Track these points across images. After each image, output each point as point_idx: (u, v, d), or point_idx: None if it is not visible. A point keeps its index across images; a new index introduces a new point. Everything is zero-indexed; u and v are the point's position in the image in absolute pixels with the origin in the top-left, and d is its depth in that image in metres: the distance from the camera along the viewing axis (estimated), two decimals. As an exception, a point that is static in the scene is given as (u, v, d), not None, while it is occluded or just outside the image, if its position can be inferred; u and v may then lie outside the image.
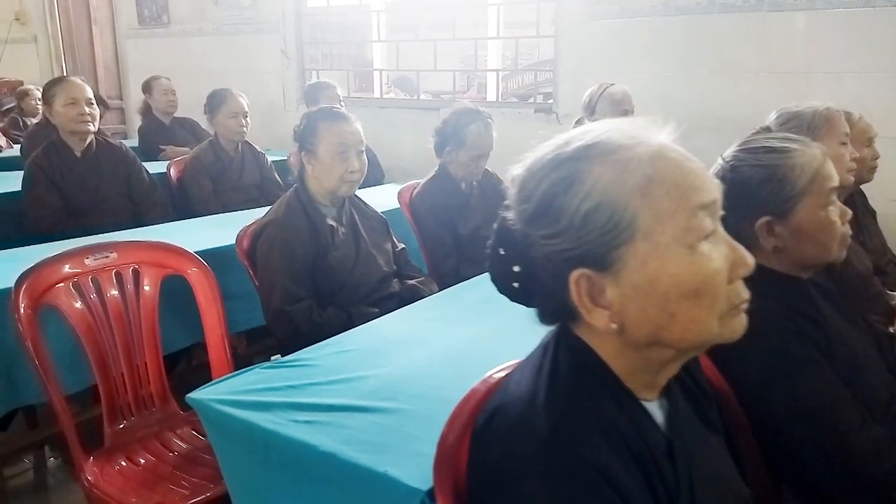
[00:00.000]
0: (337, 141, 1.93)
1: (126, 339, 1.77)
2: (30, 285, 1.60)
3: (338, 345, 1.35)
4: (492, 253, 0.82)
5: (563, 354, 0.76)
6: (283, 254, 1.86)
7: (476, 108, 2.59)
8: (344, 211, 2.06)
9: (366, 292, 1.99)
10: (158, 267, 1.84)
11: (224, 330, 1.87)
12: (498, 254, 0.81)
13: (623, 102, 2.85)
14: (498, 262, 0.81)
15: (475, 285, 1.77)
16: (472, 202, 2.70)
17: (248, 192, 3.46)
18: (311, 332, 1.83)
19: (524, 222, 0.75)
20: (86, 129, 2.75)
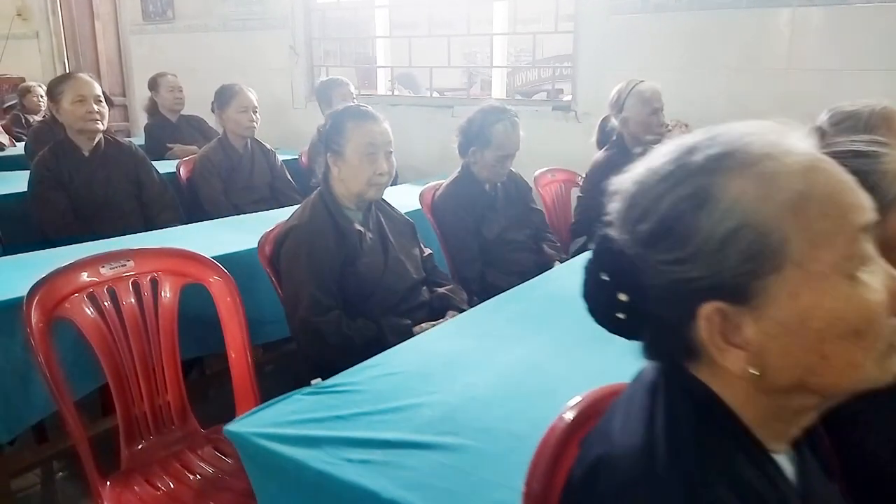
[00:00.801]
0: (365, 141, 1.83)
1: (144, 355, 1.66)
2: (42, 297, 1.49)
3: (382, 366, 1.25)
4: (589, 278, 0.71)
5: (680, 399, 0.65)
6: (309, 261, 1.76)
7: (503, 106, 2.49)
8: (371, 215, 1.95)
9: (395, 301, 1.88)
10: (178, 276, 1.73)
11: (247, 344, 1.76)
12: (598, 279, 0.70)
13: (653, 100, 2.74)
14: (598, 289, 0.70)
15: (518, 296, 1.66)
16: (497, 204, 2.60)
17: (260, 192, 3.37)
18: (340, 344, 1.73)
19: (639, 244, 0.64)
20: (94, 128, 2.64)
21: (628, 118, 2.76)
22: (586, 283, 0.72)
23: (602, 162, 2.79)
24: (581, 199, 2.94)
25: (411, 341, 1.37)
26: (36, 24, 6.38)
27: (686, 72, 3.40)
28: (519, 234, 2.63)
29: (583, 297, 0.74)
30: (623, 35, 3.56)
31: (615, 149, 2.79)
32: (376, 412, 1.06)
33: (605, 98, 3.65)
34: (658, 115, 2.76)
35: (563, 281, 1.76)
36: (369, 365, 1.26)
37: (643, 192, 0.65)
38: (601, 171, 2.79)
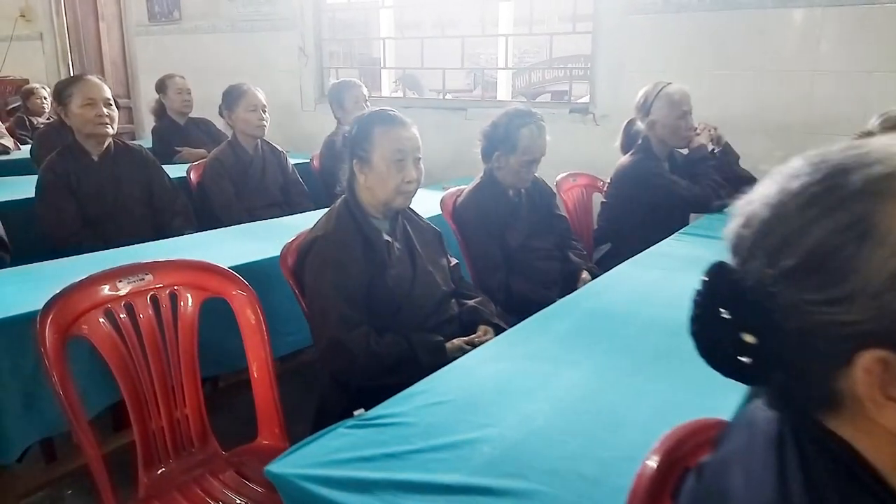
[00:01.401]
0: (393, 147, 1.73)
1: (163, 374, 1.57)
2: (57, 315, 1.40)
3: (428, 394, 1.15)
4: (703, 314, 0.62)
5: (818, 457, 0.56)
6: (336, 274, 1.66)
7: (528, 109, 2.40)
8: (398, 224, 1.86)
9: (425, 315, 1.79)
10: (198, 290, 1.64)
11: (271, 361, 1.68)
12: (716, 316, 0.60)
13: (682, 103, 2.65)
14: (716, 328, 0.61)
15: (561, 313, 1.57)
16: (521, 211, 2.51)
17: (272, 195, 3.28)
18: (369, 362, 1.64)
19: (778, 280, 0.55)
20: (104, 132, 2.55)
21: (655, 121, 2.67)
22: (698, 320, 0.63)
23: (628, 167, 2.70)
24: (605, 205, 2.85)
25: (455, 365, 1.28)
26: (40, 26, 6.29)
27: (708, 73, 3.32)
28: (543, 242, 2.54)
29: (691, 334, 0.64)
30: (643, 36, 3.48)
31: (642, 153, 2.70)
32: (430, 449, 0.97)
33: (624, 100, 3.57)
34: (687, 119, 2.67)
35: (606, 295, 1.67)
36: (414, 392, 1.16)
37: (782, 218, 0.56)
38: (628, 177, 2.71)
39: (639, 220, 2.70)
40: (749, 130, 3.16)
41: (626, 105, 3.54)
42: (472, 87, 9.41)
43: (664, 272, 1.84)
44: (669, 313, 1.54)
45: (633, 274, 1.84)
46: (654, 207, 2.68)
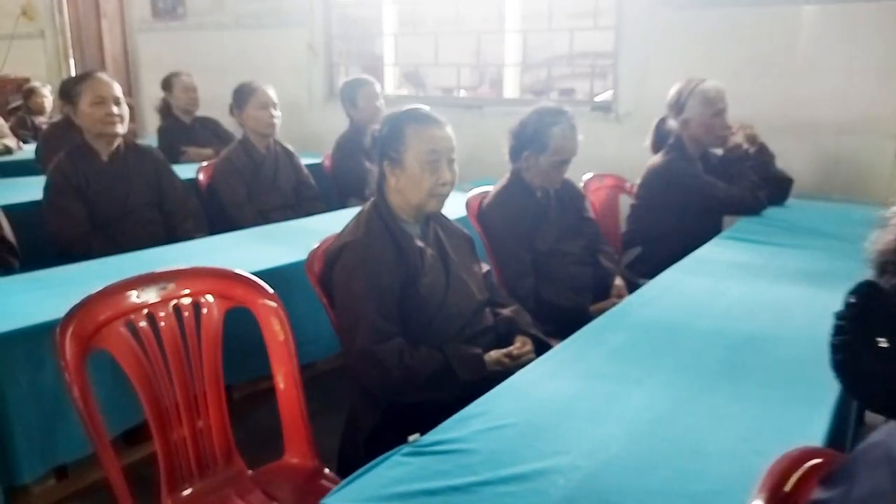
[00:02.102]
0: (427, 148, 1.63)
1: (187, 389, 1.47)
2: (77, 326, 1.30)
3: (484, 417, 1.05)
4: (853, 342, 0.52)
5: None
6: (367, 282, 1.56)
7: (559, 107, 2.30)
8: (429, 229, 1.76)
9: (460, 326, 1.69)
10: (223, 299, 1.54)
11: (297, 374, 1.58)
12: (871, 345, 0.51)
13: (717, 101, 2.55)
14: (871, 358, 0.51)
15: (612, 326, 1.46)
16: (550, 213, 2.40)
17: (284, 197, 3.18)
18: (403, 376, 1.53)
19: None
20: (114, 132, 2.44)
21: (689, 120, 2.57)
22: (845, 350, 0.53)
23: (661, 167, 2.60)
24: (635, 207, 2.75)
25: (509, 384, 1.17)
26: (41, 23, 6.18)
27: (738, 70, 3.21)
28: (573, 246, 2.44)
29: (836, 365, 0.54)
30: (668, 31, 3.38)
31: (675, 153, 2.60)
32: (498, 481, 0.87)
33: (648, 98, 3.48)
34: (722, 117, 2.57)
35: (658, 305, 1.57)
36: (470, 415, 1.06)
37: None
38: (660, 178, 2.60)
39: (671, 222, 2.61)
40: (778, 129, 3.05)
41: (650, 103, 3.45)
42: (476, 84, 9.30)
43: (713, 280, 1.74)
44: (728, 325, 1.45)
45: (680, 282, 1.74)
46: (688, 210, 2.58)
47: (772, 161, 2.74)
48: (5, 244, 2.17)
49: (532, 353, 1.68)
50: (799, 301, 1.57)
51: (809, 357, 1.19)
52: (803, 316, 1.46)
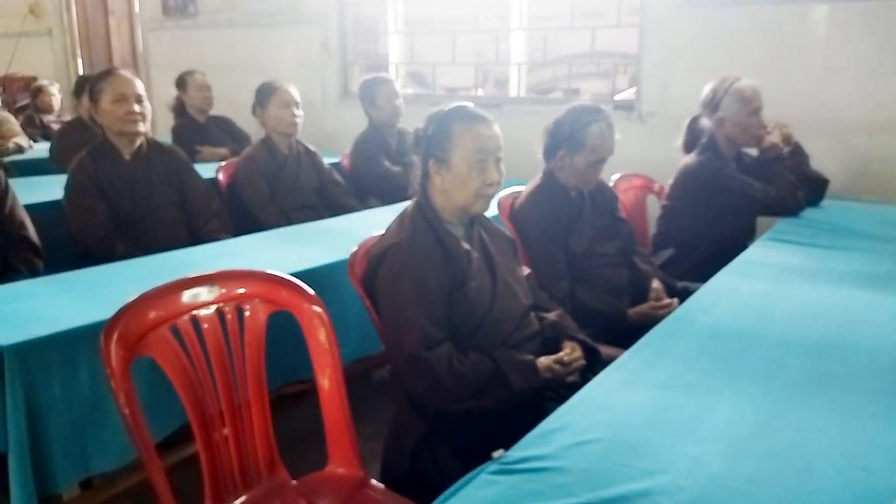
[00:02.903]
0: (475, 147, 1.58)
1: (231, 395, 1.41)
2: (123, 332, 1.25)
3: (568, 432, 0.99)
4: None
5: None
6: (414, 286, 1.50)
7: (596, 106, 2.24)
8: (474, 231, 1.70)
9: (507, 332, 1.63)
10: (267, 303, 1.48)
11: (342, 383, 1.52)
12: None
13: (753, 99, 2.49)
14: None
15: (675, 332, 1.40)
16: (585, 214, 2.35)
17: (306, 197, 3.12)
18: (454, 383, 1.48)
19: None
20: (135, 130, 2.38)
21: (724, 119, 2.52)
22: None
23: (695, 168, 2.55)
24: (667, 208, 2.69)
25: (585, 396, 1.11)
26: (49, 22, 6.13)
27: (764, 68, 3.15)
28: (608, 247, 2.38)
29: None
30: (694, 30, 3.33)
31: (709, 153, 2.54)
32: (601, 503, 0.81)
33: (672, 97, 3.43)
34: (758, 116, 2.52)
35: (718, 311, 1.51)
36: (551, 429, 1.00)
37: None
38: (694, 178, 2.55)
39: (705, 224, 2.55)
40: (808, 129, 3.00)
41: (674, 102, 3.41)
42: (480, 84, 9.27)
43: (769, 284, 1.69)
44: (797, 332, 1.39)
45: (736, 286, 1.69)
46: (723, 211, 2.53)
47: (807, 161, 2.69)
48: (30, 245, 2.11)
49: (582, 359, 1.63)
50: (864, 306, 1.51)
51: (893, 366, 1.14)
52: (873, 322, 1.40)
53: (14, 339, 1.42)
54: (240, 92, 5.02)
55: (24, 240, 2.11)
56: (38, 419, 1.45)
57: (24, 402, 1.42)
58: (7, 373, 1.40)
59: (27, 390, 1.43)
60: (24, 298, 1.70)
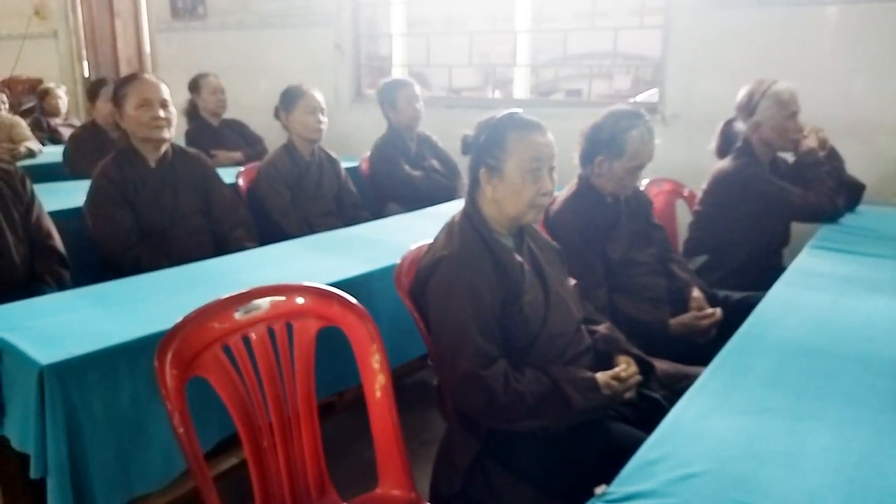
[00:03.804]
0: (530, 156, 1.52)
1: (282, 415, 1.35)
2: (177, 352, 1.20)
3: (668, 463, 0.92)
4: None
5: None
6: (469, 301, 1.45)
7: (636, 110, 2.19)
8: (523, 242, 1.65)
9: (561, 347, 1.57)
10: (317, 318, 1.43)
11: (393, 401, 1.47)
12: None
13: (791, 103, 2.45)
14: None
15: (747, 350, 1.34)
16: (621, 220, 2.29)
17: (328, 203, 3.07)
18: (510, 402, 1.42)
19: None
20: (160, 136, 2.32)
21: (761, 122, 2.47)
22: None
23: (731, 172, 2.49)
24: (700, 214, 2.63)
25: (672, 423, 1.04)
26: (54, 23, 6.06)
27: (790, 72, 3.09)
28: (644, 255, 2.32)
29: None
30: (718, 32, 3.28)
31: (746, 157, 2.49)
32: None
33: (696, 100, 3.38)
34: (795, 120, 2.47)
35: (786, 325, 1.45)
36: (648, 461, 0.94)
37: None
38: (730, 183, 2.49)
39: (740, 230, 2.50)
40: (839, 132, 2.94)
41: (699, 104, 3.36)
42: (484, 84, 9.17)
43: (832, 295, 1.63)
44: (877, 348, 1.33)
45: (797, 298, 1.63)
46: (759, 217, 2.48)
47: (842, 166, 2.64)
48: (57, 255, 2.05)
49: (638, 374, 1.57)
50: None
51: None
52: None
53: (53, 357, 1.37)
54: (251, 95, 4.99)
55: (52, 250, 2.04)
56: (78, 441, 1.40)
57: (65, 424, 1.37)
58: (47, 394, 1.35)
59: (67, 412, 1.37)
60: (55, 313, 1.64)
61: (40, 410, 1.35)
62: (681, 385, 1.64)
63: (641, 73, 7.08)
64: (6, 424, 1.47)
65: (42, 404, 1.35)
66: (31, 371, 1.34)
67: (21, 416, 1.40)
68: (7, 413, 1.45)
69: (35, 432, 1.35)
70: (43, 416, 1.35)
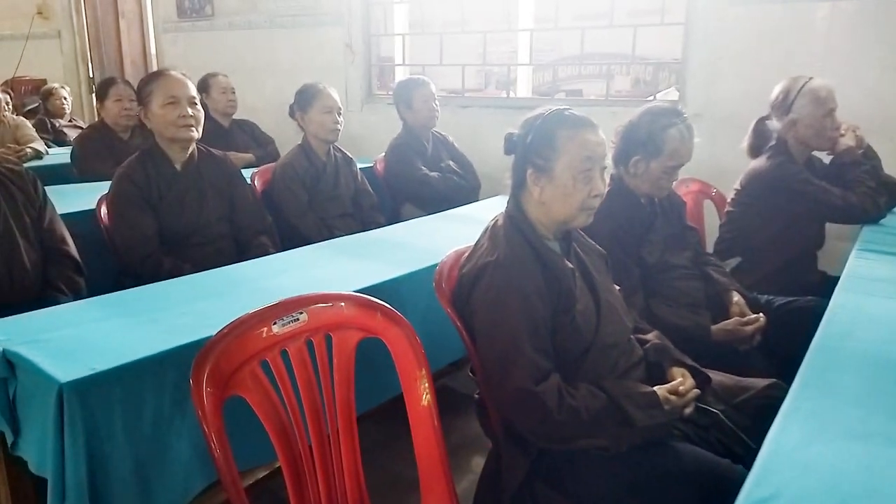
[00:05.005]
0: (582, 155, 1.44)
1: (321, 435, 1.26)
2: (213, 370, 1.10)
3: (783, 499, 0.82)
4: None
5: None
6: (521, 311, 1.35)
7: (674, 107, 2.10)
8: (571, 246, 1.56)
9: (614, 358, 1.48)
10: (358, 329, 1.33)
11: (436, 415, 1.37)
12: None
13: (828, 100, 2.36)
14: None
15: (828, 363, 1.23)
16: (656, 223, 2.20)
17: (345, 205, 2.98)
18: (566, 419, 1.33)
19: None
20: (189, 136, 2.22)
21: (797, 120, 2.37)
22: None
23: (767, 172, 2.40)
24: (733, 215, 2.54)
25: (773, 452, 0.93)
26: (58, 23, 5.95)
27: (822, 70, 3.01)
28: (680, 258, 2.23)
29: None
30: (741, 29, 3.19)
31: (782, 157, 2.39)
32: None
33: (718, 97, 3.29)
34: (833, 118, 2.38)
35: (862, 337, 1.34)
36: (761, 498, 0.82)
37: None
38: (766, 183, 2.40)
39: (775, 231, 2.41)
40: (869, 132, 2.86)
41: (721, 103, 3.27)
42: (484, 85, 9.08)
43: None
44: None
45: (862, 305, 1.54)
46: (796, 218, 2.39)
47: (880, 165, 2.55)
48: (72, 262, 1.95)
49: (696, 388, 1.48)
50: None
51: None
52: None
53: (73, 374, 1.27)
54: (260, 95, 4.90)
55: (66, 256, 1.94)
56: (98, 461, 1.31)
57: (85, 447, 1.27)
58: (66, 413, 1.25)
59: (88, 433, 1.28)
60: (73, 324, 1.54)
61: (59, 431, 1.26)
62: (739, 399, 1.55)
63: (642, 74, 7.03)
64: (21, 446, 1.37)
65: (61, 425, 1.25)
66: (50, 389, 1.25)
67: (38, 437, 1.31)
68: (23, 434, 1.36)
69: (54, 456, 1.25)
70: (62, 436, 1.26)
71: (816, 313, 2.16)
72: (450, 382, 2.76)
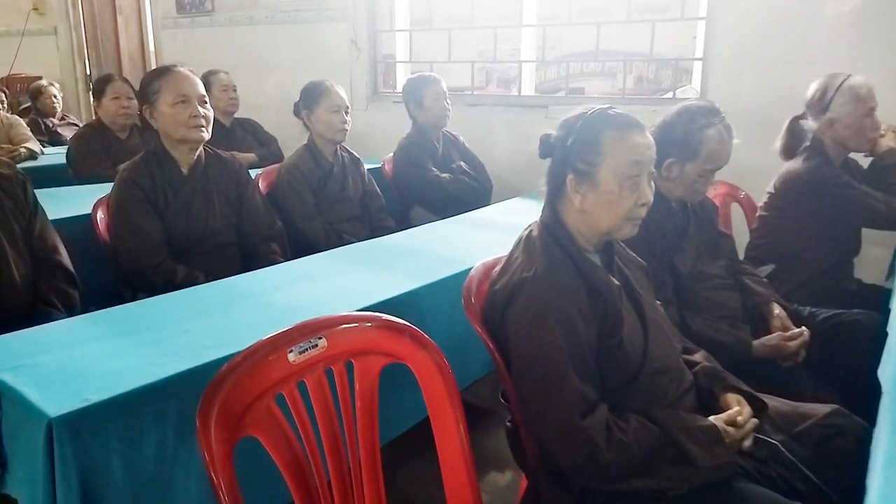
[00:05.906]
0: (630, 159, 1.29)
1: (342, 472, 1.12)
2: (223, 409, 0.96)
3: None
4: None
5: None
6: (564, 334, 1.21)
7: (712, 106, 1.96)
8: (613, 260, 1.41)
9: (664, 385, 1.34)
10: (382, 355, 1.19)
11: (466, 444, 1.23)
12: None
13: (868, 98, 2.22)
14: None
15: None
16: (689, 230, 2.06)
17: (353, 207, 2.84)
18: (617, 457, 1.18)
19: None
20: (199, 137, 2.08)
21: (836, 119, 2.23)
22: None
23: (804, 174, 2.26)
24: (766, 219, 2.40)
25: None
26: (54, 19, 5.80)
27: (849, 66, 2.87)
28: (714, 267, 2.09)
29: None
30: (766, 23, 3.05)
31: (819, 158, 2.25)
32: None
33: (740, 95, 3.16)
34: (873, 117, 2.24)
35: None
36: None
37: None
38: (803, 186, 2.26)
39: (811, 237, 2.27)
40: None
41: (744, 101, 3.13)
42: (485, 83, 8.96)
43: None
44: None
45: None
46: (834, 223, 2.25)
47: (921, 167, 2.41)
48: (65, 273, 1.80)
49: (753, 416, 1.34)
50: None
51: None
52: None
53: (64, 407, 1.13)
54: (262, 93, 4.76)
55: (59, 267, 1.79)
56: (93, 501, 1.16)
57: (79, 486, 1.14)
58: (57, 450, 1.12)
59: (81, 472, 1.14)
60: (65, 346, 1.40)
61: (49, 470, 1.12)
62: (799, 428, 1.41)
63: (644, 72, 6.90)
64: (10, 483, 1.23)
65: (51, 462, 1.12)
66: (39, 423, 1.11)
67: (27, 475, 1.17)
68: (10, 471, 1.22)
69: (45, 497, 1.12)
70: (53, 476, 1.12)
71: (865, 326, 2.04)
72: (466, 396, 2.62)
